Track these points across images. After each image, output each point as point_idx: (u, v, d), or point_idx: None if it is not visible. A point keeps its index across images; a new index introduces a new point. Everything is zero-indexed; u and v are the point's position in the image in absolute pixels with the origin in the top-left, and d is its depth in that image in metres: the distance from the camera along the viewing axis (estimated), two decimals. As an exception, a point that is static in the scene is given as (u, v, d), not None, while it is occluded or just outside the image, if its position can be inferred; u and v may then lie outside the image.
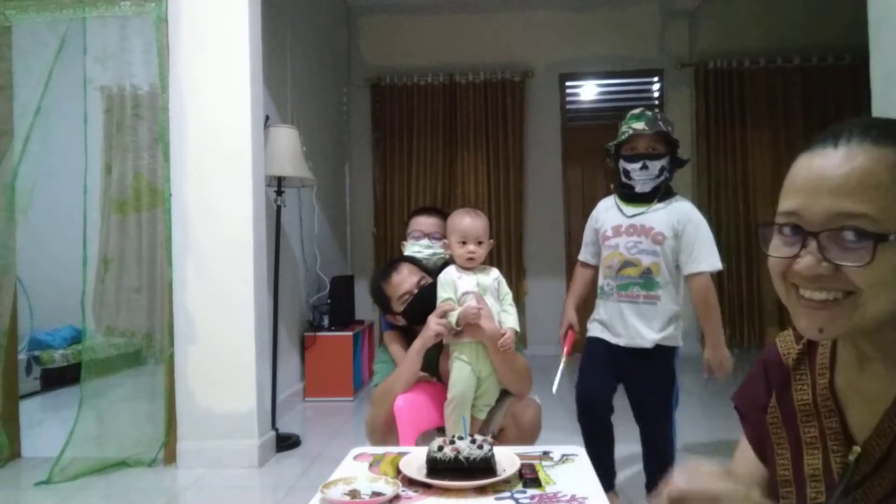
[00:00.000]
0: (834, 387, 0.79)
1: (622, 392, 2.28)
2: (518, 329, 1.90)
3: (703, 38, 5.89)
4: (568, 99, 6.11)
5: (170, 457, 3.00)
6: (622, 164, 2.18)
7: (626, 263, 2.16)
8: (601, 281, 2.26)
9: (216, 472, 2.90)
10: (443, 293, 1.89)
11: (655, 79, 6.02)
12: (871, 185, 0.66)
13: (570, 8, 5.96)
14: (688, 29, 5.91)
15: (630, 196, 2.21)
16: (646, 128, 2.10)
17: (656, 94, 6.06)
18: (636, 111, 2.20)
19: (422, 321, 1.92)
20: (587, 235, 2.36)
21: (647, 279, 2.14)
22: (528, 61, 5.99)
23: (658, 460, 2.24)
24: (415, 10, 6.01)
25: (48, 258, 4.28)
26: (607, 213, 2.26)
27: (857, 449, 0.73)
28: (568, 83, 6.09)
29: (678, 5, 5.84)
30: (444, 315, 1.84)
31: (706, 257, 2.14)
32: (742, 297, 5.71)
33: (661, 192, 2.18)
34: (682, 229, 2.14)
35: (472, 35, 6.01)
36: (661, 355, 2.17)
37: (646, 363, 2.16)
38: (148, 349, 3.30)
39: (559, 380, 2.24)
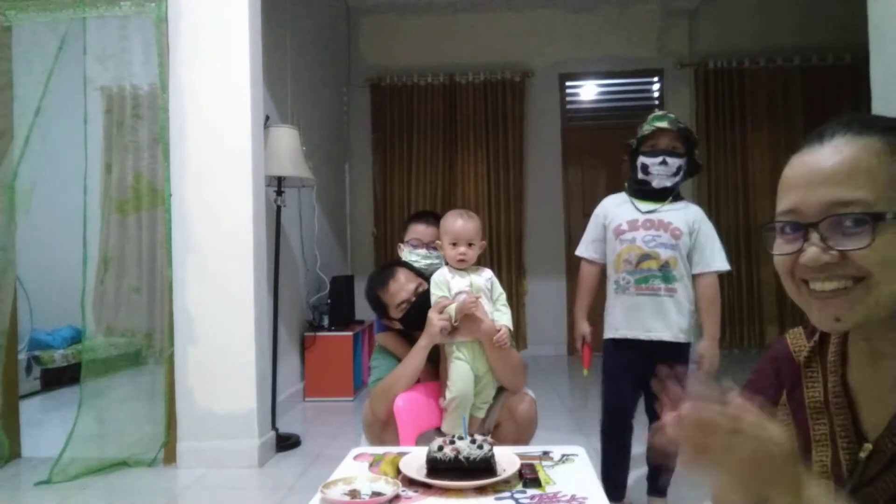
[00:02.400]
0: (846, 384, 0.78)
1: None
2: (511, 328, 1.92)
3: (703, 38, 5.89)
4: (568, 99, 6.11)
5: (170, 457, 3.00)
6: (641, 159, 2.21)
7: (645, 257, 2.17)
8: (615, 276, 2.24)
9: (216, 472, 2.90)
10: (437, 292, 1.91)
11: (655, 79, 6.02)
12: (860, 172, 0.68)
13: (570, 8, 5.96)
14: (688, 29, 5.91)
15: (645, 193, 2.23)
16: (668, 125, 2.17)
17: (656, 95, 6.06)
18: (658, 113, 2.26)
19: (419, 327, 1.93)
20: (593, 232, 2.34)
21: (665, 272, 2.17)
22: (528, 61, 5.99)
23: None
24: (415, 10, 6.01)
25: (48, 258, 4.28)
26: (619, 208, 2.27)
27: (868, 446, 0.73)
28: (568, 83, 6.09)
29: (678, 5, 5.84)
30: (442, 310, 1.85)
31: (718, 258, 2.22)
32: (742, 297, 5.71)
33: (676, 193, 2.24)
34: (698, 229, 2.21)
35: (472, 35, 6.01)
36: (681, 349, 2.19)
37: (667, 356, 2.14)
38: (148, 349, 3.30)
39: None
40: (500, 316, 1.93)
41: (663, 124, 2.18)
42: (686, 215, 2.21)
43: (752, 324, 5.71)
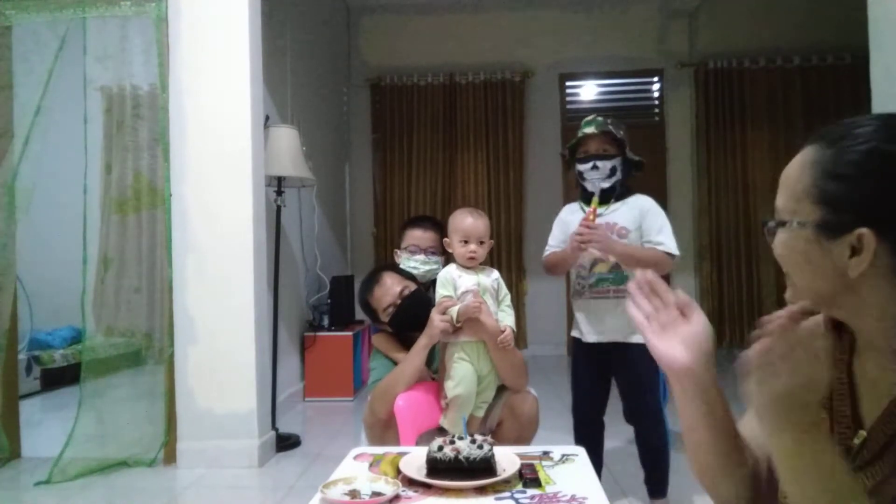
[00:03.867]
0: (852, 373, 0.81)
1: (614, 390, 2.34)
2: (515, 329, 1.93)
3: (703, 38, 5.89)
4: (568, 99, 6.11)
5: (170, 457, 3.00)
6: (577, 166, 2.29)
7: (597, 261, 2.23)
8: (573, 280, 2.32)
9: (216, 472, 2.90)
10: (442, 290, 1.90)
11: (655, 79, 6.02)
12: (785, 182, 0.80)
13: (570, 8, 5.96)
14: (688, 29, 5.91)
15: (589, 197, 2.28)
16: (594, 130, 2.22)
17: (656, 94, 6.06)
18: (588, 118, 2.30)
19: (409, 330, 1.95)
20: (556, 237, 2.39)
21: (616, 273, 2.21)
22: (528, 61, 5.99)
23: (654, 461, 2.27)
24: (415, 10, 6.01)
25: (48, 258, 4.28)
26: (573, 215, 2.34)
27: (862, 433, 0.76)
28: (568, 83, 6.09)
29: (678, 5, 5.84)
30: (445, 311, 1.85)
31: (667, 240, 2.21)
32: (742, 296, 5.71)
33: (618, 192, 2.27)
34: (644, 217, 2.23)
35: (472, 35, 6.01)
36: (641, 349, 2.17)
37: (627, 357, 2.20)
38: (148, 349, 3.30)
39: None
40: (505, 317, 1.94)
41: (590, 129, 2.23)
42: (631, 210, 2.24)
43: (752, 324, 5.70)
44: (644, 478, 2.31)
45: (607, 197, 2.26)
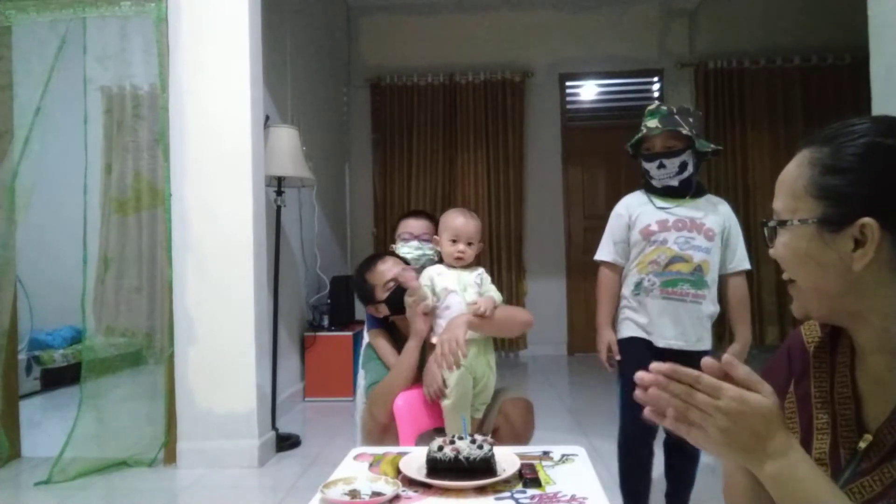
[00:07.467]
0: (854, 376, 0.81)
1: None
2: (499, 298, 1.92)
3: (703, 38, 5.89)
4: (568, 99, 6.11)
5: (170, 457, 3.00)
6: (642, 162, 2.11)
7: (676, 259, 2.03)
8: (637, 277, 2.10)
9: (216, 472, 2.90)
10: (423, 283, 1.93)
11: (655, 79, 6.03)
12: (783, 184, 0.81)
13: (570, 8, 5.96)
14: (688, 29, 5.91)
15: (658, 191, 2.11)
16: (658, 125, 2.03)
17: (656, 95, 6.06)
18: (652, 107, 2.11)
19: (402, 310, 1.96)
20: (616, 233, 2.16)
21: (697, 277, 2.04)
22: (528, 61, 5.99)
23: (685, 472, 2.17)
24: (415, 10, 6.01)
25: (48, 258, 4.28)
26: (643, 207, 2.12)
27: (868, 437, 0.75)
28: (568, 83, 6.09)
29: (678, 5, 5.84)
30: (413, 293, 1.87)
31: (745, 256, 2.15)
32: (742, 297, 5.70)
33: (693, 187, 2.10)
34: (729, 228, 2.12)
35: (472, 35, 6.01)
36: (695, 358, 2.10)
37: (691, 366, 2.05)
38: (148, 349, 3.29)
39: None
40: (488, 293, 1.93)
41: (653, 124, 2.04)
42: (717, 214, 2.10)
43: (752, 324, 5.69)
44: (666, 491, 2.18)
45: (682, 193, 2.08)
